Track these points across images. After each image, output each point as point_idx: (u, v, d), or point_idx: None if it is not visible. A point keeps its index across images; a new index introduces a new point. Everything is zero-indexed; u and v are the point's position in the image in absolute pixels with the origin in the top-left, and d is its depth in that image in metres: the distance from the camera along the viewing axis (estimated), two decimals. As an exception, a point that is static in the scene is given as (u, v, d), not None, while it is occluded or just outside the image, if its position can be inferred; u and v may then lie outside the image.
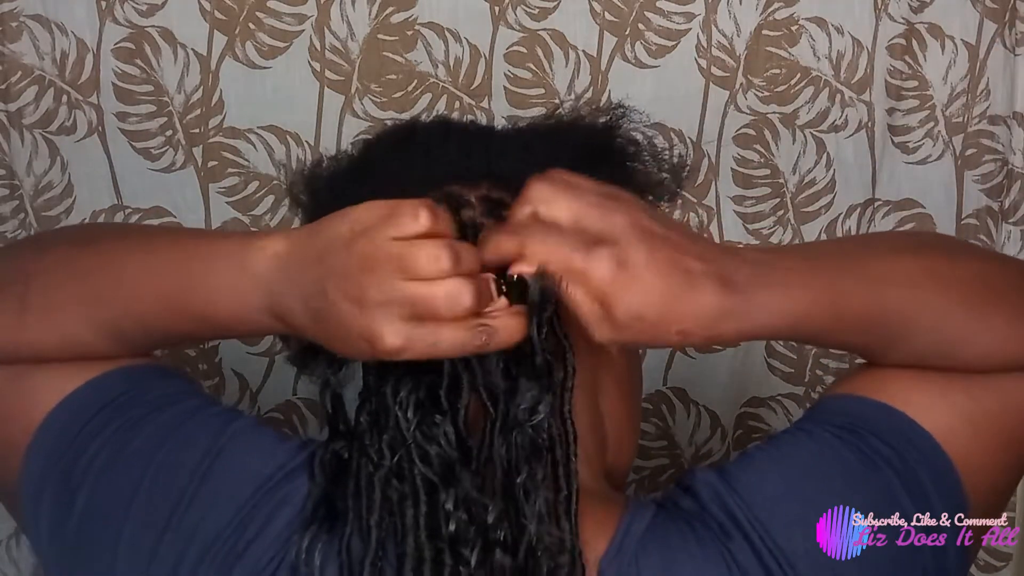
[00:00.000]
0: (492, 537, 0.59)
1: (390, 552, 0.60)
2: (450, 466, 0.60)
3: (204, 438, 0.65)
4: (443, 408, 0.60)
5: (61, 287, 0.66)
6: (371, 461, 0.61)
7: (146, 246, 0.68)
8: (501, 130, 0.79)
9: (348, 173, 0.75)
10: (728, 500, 0.62)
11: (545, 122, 0.77)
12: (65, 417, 0.66)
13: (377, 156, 0.76)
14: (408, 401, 0.60)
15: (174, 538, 0.62)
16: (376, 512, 0.61)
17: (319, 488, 0.63)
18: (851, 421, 0.66)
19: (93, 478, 0.65)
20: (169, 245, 0.67)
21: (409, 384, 0.60)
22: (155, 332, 0.67)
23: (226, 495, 0.63)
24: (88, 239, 0.71)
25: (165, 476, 0.64)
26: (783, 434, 0.68)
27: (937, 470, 0.64)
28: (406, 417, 0.60)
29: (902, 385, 0.66)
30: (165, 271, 0.65)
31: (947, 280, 0.65)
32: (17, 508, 0.69)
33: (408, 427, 0.60)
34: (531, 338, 0.59)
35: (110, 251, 0.67)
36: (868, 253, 0.67)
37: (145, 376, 0.68)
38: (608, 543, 0.62)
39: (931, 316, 0.64)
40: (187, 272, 0.64)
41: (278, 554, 0.62)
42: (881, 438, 0.64)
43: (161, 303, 0.64)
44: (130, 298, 0.65)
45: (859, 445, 0.64)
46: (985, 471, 0.66)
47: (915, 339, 0.65)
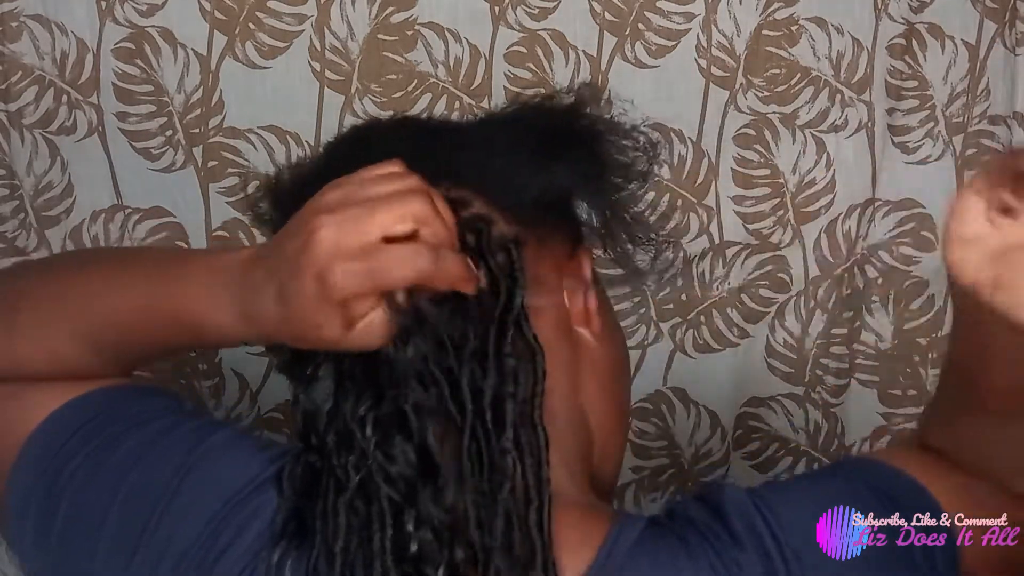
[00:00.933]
0: (458, 554, 0.57)
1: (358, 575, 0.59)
2: (412, 485, 0.57)
3: (176, 455, 0.65)
4: (405, 424, 0.58)
5: (48, 306, 0.67)
6: (337, 482, 0.59)
7: (131, 260, 0.70)
8: (461, 124, 0.77)
9: (309, 177, 0.73)
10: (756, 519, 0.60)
11: (508, 110, 0.74)
12: (48, 434, 0.67)
13: (337, 158, 0.73)
14: (367, 419, 0.58)
15: (146, 554, 0.62)
16: (341, 539, 0.59)
17: (288, 503, 0.62)
18: (885, 487, 0.64)
19: (72, 493, 0.65)
20: (147, 258, 0.69)
21: (369, 401, 0.59)
22: (133, 342, 0.67)
23: (196, 509, 0.63)
24: (79, 262, 0.73)
25: (137, 494, 0.64)
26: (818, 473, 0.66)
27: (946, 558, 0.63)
28: (365, 436, 0.58)
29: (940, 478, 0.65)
30: (142, 281, 0.65)
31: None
32: (5, 522, 0.69)
33: (368, 446, 0.58)
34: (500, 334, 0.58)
35: (95, 268, 0.69)
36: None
37: (126, 395, 0.69)
38: (592, 559, 0.60)
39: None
40: (163, 280, 0.64)
41: (249, 566, 0.61)
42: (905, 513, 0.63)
43: (138, 310, 0.65)
44: (109, 307, 0.66)
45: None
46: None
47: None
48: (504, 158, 0.66)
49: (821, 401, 1.21)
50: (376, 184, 0.56)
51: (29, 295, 0.69)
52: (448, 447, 0.58)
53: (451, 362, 0.58)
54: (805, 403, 1.21)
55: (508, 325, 0.58)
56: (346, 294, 0.54)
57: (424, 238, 0.55)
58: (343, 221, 0.54)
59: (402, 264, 0.54)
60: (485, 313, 0.59)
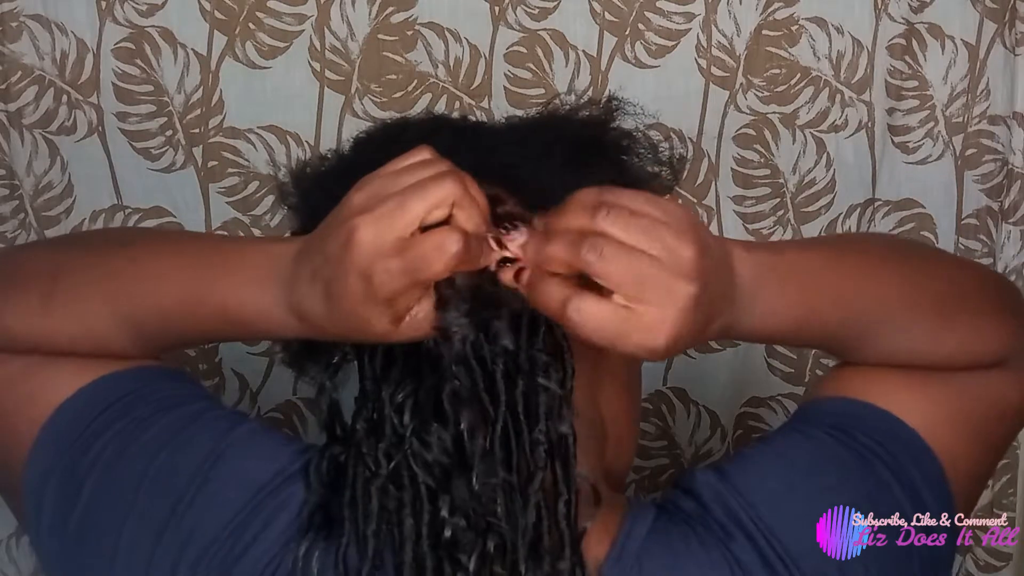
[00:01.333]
0: (491, 543, 0.58)
1: (388, 562, 0.60)
2: (447, 472, 0.59)
3: (206, 441, 0.65)
4: (441, 412, 0.59)
5: (90, 282, 0.67)
6: (368, 469, 0.60)
7: (174, 245, 0.70)
8: (493, 125, 0.78)
9: (339, 171, 0.75)
10: (731, 501, 0.63)
11: (538, 117, 0.77)
12: (75, 411, 0.67)
13: (368, 153, 0.75)
14: (405, 406, 0.59)
15: (172, 539, 0.63)
16: (373, 522, 0.60)
17: (315, 495, 0.63)
18: (841, 421, 0.67)
19: (99, 472, 0.65)
20: (195, 244, 0.69)
21: (407, 388, 0.60)
22: (174, 330, 0.67)
23: (224, 498, 0.63)
24: (121, 240, 0.74)
25: (165, 477, 0.64)
26: (777, 435, 0.69)
27: (924, 463, 0.66)
28: (402, 423, 0.59)
29: (885, 387, 0.68)
30: (191, 267, 0.65)
31: (917, 283, 0.68)
32: (17, 500, 0.70)
33: (405, 432, 0.59)
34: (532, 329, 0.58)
35: (140, 250, 0.69)
36: (846, 253, 0.68)
37: (154, 377, 0.69)
38: (609, 547, 0.61)
39: (902, 317, 0.67)
40: (211, 268, 0.64)
41: (275, 558, 0.62)
42: (872, 436, 0.66)
43: (185, 299, 0.65)
44: (155, 293, 0.66)
45: (852, 443, 0.65)
46: (964, 461, 0.69)
47: (886, 339, 0.67)
48: (537, 162, 0.67)
49: (821, 401, 1.21)
50: (407, 174, 0.56)
51: (70, 269, 0.68)
52: (481, 437, 0.59)
53: (486, 353, 0.59)
54: (805, 403, 1.21)
55: (540, 320, 0.59)
56: (390, 292, 0.55)
57: (458, 221, 0.55)
58: (379, 218, 0.54)
59: (438, 255, 0.54)
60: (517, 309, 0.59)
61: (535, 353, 0.60)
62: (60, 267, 0.69)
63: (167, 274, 0.66)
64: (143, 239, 0.75)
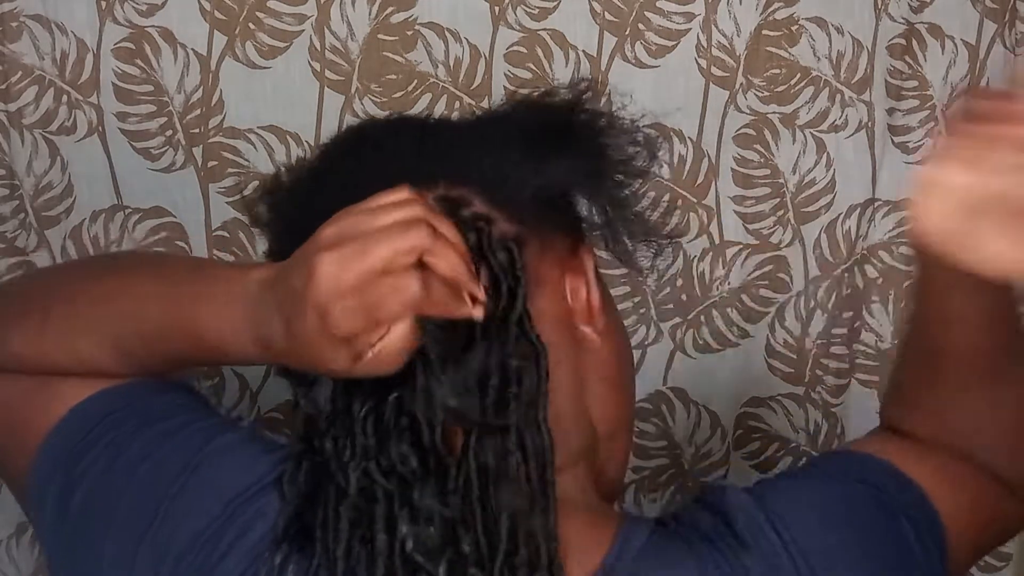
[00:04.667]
0: (463, 553, 0.57)
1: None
2: (409, 483, 0.58)
3: (184, 453, 0.66)
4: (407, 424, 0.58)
5: (78, 314, 0.69)
6: (338, 487, 0.59)
7: (156, 269, 0.72)
8: (457, 122, 0.76)
9: (306, 181, 0.73)
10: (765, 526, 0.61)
11: (502, 107, 0.74)
12: (71, 425, 0.69)
13: (332, 160, 0.74)
14: (368, 419, 0.59)
15: (149, 551, 0.63)
16: (343, 543, 0.59)
17: (290, 506, 0.62)
18: (878, 479, 0.67)
19: (88, 483, 0.66)
20: (175, 269, 0.71)
21: (371, 402, 0.59)
22: (158, 354, 0.68)
23: (199, 508, 0.63)
24: (109, 266, 0.76)
25: (144, 490, 0.65)
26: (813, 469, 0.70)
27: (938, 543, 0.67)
28: (365, 435, 0.59)
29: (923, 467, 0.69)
30: (168, 296, 0.66)
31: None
32: (26, 502, 0.72)
33: (369, 443, 0.58)
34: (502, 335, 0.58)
35: (124, 277, 0.71)
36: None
37: (149, 391, 0.70)
38: (599, 563, 0.60)
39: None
40: (184, 299, 0.65)
41: (251, 567, 0.61)
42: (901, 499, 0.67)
43: (163, 325, 0.66)
44: (135, 319, 0.67)
45: (880, 498, 0.66)
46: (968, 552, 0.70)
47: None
48: (497, 155, 0.66)
49: (821, 401, 1.21)
50: (382, 214, 0.56)
51: (61, 298, 0.71)
52: (452, 447, 0.58)
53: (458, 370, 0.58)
54: (805, 403, 1.21)
55: (510, 325, 0.58)
56: (347, 330, 0.54)
57: (433, 268, 0.55)
58: (342, 258, 0.54)
59: (392, 297, 0.54)
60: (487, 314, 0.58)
61: (506, 359, 0.58)
62: (52, 296, 0.71)
63: (147, 301, 0.67)
64: (128, 265, 0.76)
